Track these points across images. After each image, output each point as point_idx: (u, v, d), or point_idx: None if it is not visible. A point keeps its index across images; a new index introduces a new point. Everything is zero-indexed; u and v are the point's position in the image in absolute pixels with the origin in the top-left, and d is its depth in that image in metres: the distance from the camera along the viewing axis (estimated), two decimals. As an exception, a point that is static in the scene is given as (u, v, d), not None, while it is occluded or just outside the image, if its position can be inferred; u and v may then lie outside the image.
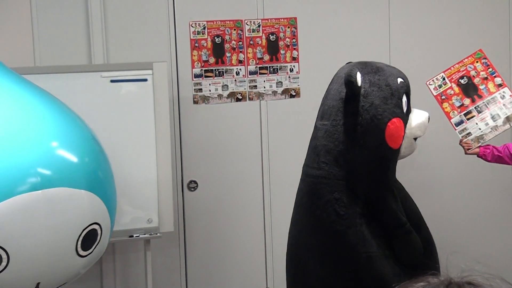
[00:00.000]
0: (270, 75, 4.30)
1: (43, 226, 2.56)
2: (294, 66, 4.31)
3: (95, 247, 2.82)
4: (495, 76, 3.52)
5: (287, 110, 4.35)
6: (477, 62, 3.53)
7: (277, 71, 4.31)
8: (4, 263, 2.49)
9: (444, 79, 3.51)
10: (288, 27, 4.31)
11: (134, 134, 3.72)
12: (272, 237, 4.40)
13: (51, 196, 2.57)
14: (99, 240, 2.84)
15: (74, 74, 3.71)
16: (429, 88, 3.49)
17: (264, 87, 4.30)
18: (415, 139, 2.90)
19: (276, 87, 4.31)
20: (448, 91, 3.50)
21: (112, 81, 3.72)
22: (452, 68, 3.54)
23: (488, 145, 3.49)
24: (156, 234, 3.79)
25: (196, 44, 4.21)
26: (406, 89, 2.84)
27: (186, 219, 4.33)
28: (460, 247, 4.33)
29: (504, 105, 3.49)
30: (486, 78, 3.52)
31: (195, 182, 4.31)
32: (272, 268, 4.42)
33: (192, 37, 4.21)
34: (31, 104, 2.78)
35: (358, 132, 2.74)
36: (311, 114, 3.04)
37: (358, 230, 2.74)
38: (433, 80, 3.51)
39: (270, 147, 4.36)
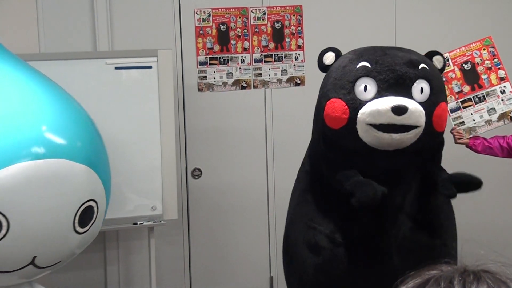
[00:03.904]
0: (275, 63, 4.29)
1: (44, 196, 2.56)
2: (299, 54, 4.30)
3: (91, 225, 2.82)
4: (499, 68, 3.45)
5: (292, 98, 4.34)
6: (484, 49, 3.46)
7: (282, 59, 4.30)
8: (3, 231, 2.46)
9: (448, 60, 3.41)
10: (294, 15, 4.29)
11: (139, 121, 3.72)
12: (276, 225, 4.40)
13: (53, 167, 2.57)
14: (95, 218, 2.84)
15: (79, 61, 3.70)
16: None
17: (269, 75, 4.29)
18: (380, 128, 2.63)
19: (281, 75, 4.30)
20: (450, 74, 3.42)
21: (116, 68, 3.72)
22: (457, 50, 3.45)
23: (477, 136, 3.46)
24: (160, 221, 3.79)
25: (201, 32, 4.20)
26: (366, 73, 2.67)
27: (190, 206, 4.34)
28: (475, 237, 4.31)
29: (502, 100, 3.44)
30: (490, 69, 3.45)
31: (199, 169, 4.31)
32: (275, 256, 4.42)
33: (197, 25, 4.19)
34: (34, 86, 2.80)
35: (315, 109, 2.94)
36: (315, 102, 3.03)
37: (298, 194, 3.09)
38: None
39: (274, 135, 4.36)
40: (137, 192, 3.73)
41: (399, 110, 2.58)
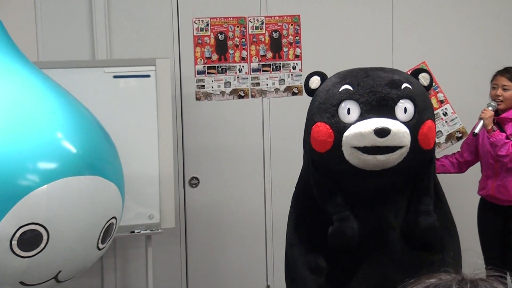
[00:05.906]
0: (272, 72, 4.30)
1: (80, 211, 2.60)
2: (297, 63, 4.31)
3: (108, 242, 2.86)
4: (437, 92, 3.54)
5: (290, 108, 4.35)
6: None
7: (280, 69, 4.32)
8: (43, 244, 2.49)
9: None
10: (292, 25, 4.31)
11: (137, 130, 3.73)
12: (273, 234, 4.40)
13: (91, 183, 2.62)
14: (112, 235, 2.88)
15: (77, 69, 3.71)
16: None
17: (267, 85, 4.30)
18: (364, 150, 2.65)
19: (279, 84, 4.31)
20: None
21: (115, 76, 3.73)
22: None
23: None
24: (157, 230, 3.79)
25: (199, 41, 4.21)
26: (349, 96, 2.68)
27: (187, 215, 4.34)
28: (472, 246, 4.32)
29: (446, 122, 3.54)
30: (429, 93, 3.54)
31: (196, 178, 4.32)
32: (272, 266, 4.43)
33: (195, 34, 4.21)
34: (77, 103, 2.91)
35: (304, 134, 2.96)
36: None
37: (294, 219, 3.09)
38: None
39: (272, 144, 4.36)
40: (134, 200, 3.73)
41: (382, 132, 2.60)
